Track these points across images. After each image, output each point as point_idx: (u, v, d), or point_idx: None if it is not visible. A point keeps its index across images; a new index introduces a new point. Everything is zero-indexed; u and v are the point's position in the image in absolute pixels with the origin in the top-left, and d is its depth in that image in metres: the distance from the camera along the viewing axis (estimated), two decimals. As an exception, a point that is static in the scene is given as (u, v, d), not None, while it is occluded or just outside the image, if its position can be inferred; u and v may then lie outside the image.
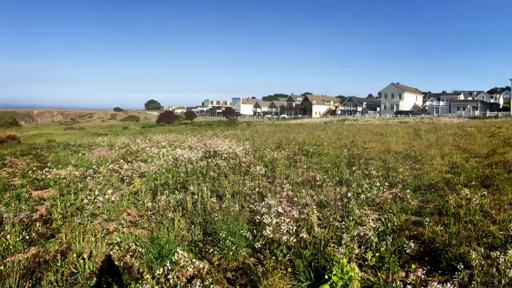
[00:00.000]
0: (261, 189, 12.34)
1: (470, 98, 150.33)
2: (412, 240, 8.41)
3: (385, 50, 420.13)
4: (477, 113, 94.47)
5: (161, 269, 6.89)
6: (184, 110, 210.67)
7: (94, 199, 11.16)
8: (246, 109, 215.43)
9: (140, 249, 8.15)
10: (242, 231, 8.57)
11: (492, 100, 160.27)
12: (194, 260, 7.12)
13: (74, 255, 7.76)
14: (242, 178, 13.70)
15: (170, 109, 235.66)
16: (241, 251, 8.19)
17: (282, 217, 8.46)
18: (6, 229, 9.10)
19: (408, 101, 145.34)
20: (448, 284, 6.02)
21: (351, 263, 7.06)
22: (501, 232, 8.59)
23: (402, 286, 6.31)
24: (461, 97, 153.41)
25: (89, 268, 7.61)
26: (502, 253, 6.78)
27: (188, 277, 7.03)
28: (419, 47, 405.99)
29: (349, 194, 11.07)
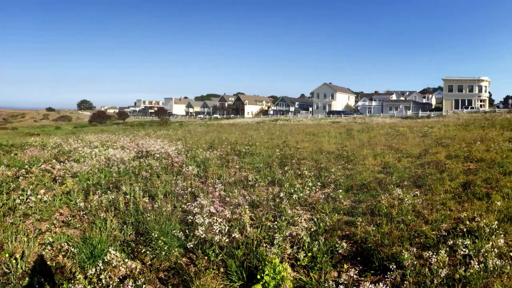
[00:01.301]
0: (193, 189, 12.49)
1: (402, 98, 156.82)
2: (344, 240, 8.69)
3: (317, 49, 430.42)
4: (409, 113, 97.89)
5: (94, 269, 7.03)
6: (117, 110, 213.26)
7: (27, 199, 11.01)
8: (179, 109, 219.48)
9: (72, 249, 8.18)
10: (174, 231, 8.73)
11: (424, 100, 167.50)
12: (126, 260, 7.32)
13: (7, 255, 7.75)
14: (174, 178, 13.77)
15: (103, 109, 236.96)
16: (174, 251, 8.30)
17: (215, 217, 8.69)
18: None
19: (341, 101, 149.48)
20: (381, 284, 6.25)
21: (284, 263, 7.28)
22: (434, 232, 8.97)
23: (334, 286, 6.52)
24: (394, 97, 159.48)
25: (22, 268, 7.65)
26: (435, 253, 7.12)
27: (121, 277, 7.19)
28: (352, 46, 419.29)
29: (282, 194, 11.33)
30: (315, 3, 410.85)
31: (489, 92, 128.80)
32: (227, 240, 8.19)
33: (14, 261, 7.54)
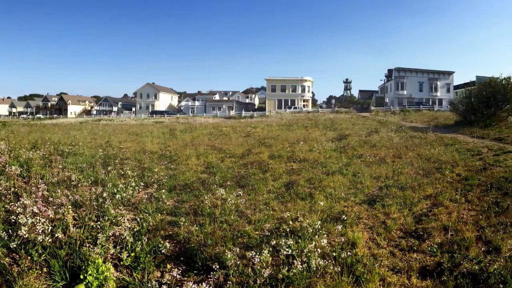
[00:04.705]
0: (16, 189, 12.01)
1: (225, 98, 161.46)
2: (167, 240, 8.91)
3: (140, 50, 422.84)
4: (232, 113, 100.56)
5: None
6: None
7: None
8: (1, 109, 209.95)
9: None
10: (-3, 231, 8.46)
11: (248, 100, 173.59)
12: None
13: None
14: (-3, 178, 12.97)
15: None
16: (-3, 251, 8.01)
17: (38, 217, 8.57)
18: None
19: (164, 101, 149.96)
20: (204, 284, 6.51)
21: (107, 263, 7.34)
22: (257, 232, 9.49)
23: (157, 286, 6.70)
24: (217, 97, 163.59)
25: None
26: (258, 253, 7.52)
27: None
28: (174, 47, 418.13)
29: (105, 194, 11.24)
30: (139, 3, 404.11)
31: (312, 92, 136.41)
32: (50, 240, 8.12)
33: None
